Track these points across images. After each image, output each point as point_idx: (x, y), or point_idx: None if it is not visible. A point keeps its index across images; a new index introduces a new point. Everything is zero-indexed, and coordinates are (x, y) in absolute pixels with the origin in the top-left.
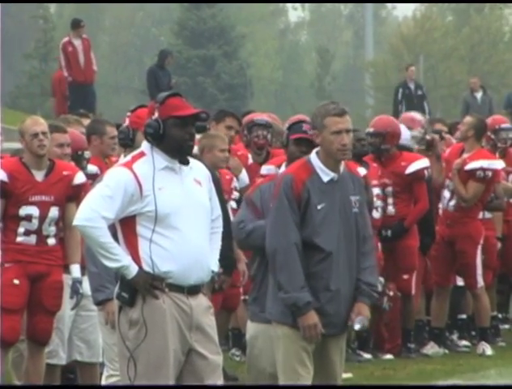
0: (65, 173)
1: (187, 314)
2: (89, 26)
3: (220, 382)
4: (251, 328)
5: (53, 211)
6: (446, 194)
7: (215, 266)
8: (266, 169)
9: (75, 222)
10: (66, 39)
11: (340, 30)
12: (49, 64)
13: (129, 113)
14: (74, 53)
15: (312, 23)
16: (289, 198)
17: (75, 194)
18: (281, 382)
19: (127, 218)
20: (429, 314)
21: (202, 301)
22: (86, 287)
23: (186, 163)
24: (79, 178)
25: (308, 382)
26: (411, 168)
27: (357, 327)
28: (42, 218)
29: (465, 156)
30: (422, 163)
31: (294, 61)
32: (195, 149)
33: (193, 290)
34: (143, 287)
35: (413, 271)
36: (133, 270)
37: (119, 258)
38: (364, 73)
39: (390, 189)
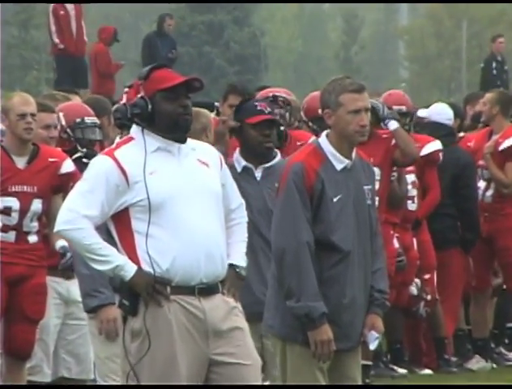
0: (51, 159)
1: (200, 320)
2: None
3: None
4: None
5: (36, 204)
6: (481, 183)
7: (242, 260)
8: None
9: (56, 228)
10: None
11: None
12: (30, 32)
13: (126, 89)
14: (66, 18)
15: None
16: (300, 191)
17: (62, 185)
18: None
19: (119, 213)
20: (470, 323)
21: (218, 303)
22: (74, 291)
23: (183, 141)
24: (67, 166)
25: None
26: (424, 151)
27: (373, 346)
28: (23, 212)
29: (495, 137)
30: (435, 145)
31: (316, 29)
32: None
33: (205, 290)
34: (145, 289)
35: (434, 270)
36: (130, 269)
37: (110, 258)
38: (398, 41)
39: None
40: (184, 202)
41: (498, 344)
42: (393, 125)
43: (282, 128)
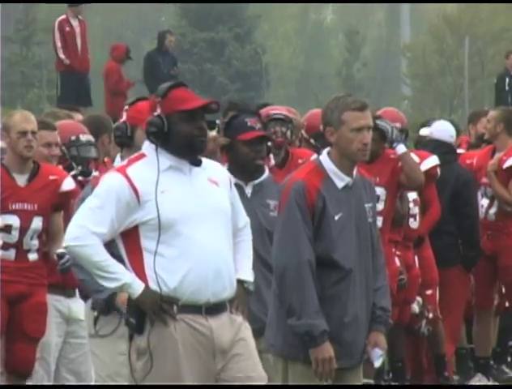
0: (51, 177)
1: (207, 338)
2: None
3: None
4: None
5: (36, 222)
6: (484, 201)
7: (250, 275)
8: None
9: (65, 243)
10: (62, 17)
11: (372, 8)
12: (31, 49)
13: (126, 107)
14: (72, 35)
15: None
16: (301, 209)
17: (62, 203)
18: None
19: (129, 230)
20: (472, 342)
21: (225, 321)
22: (76, 310)
23: (198, 164)
24: (68, 184)
25: None
26: (422, 167)
27: (377, 364)
28: (23, 229)
29: (498, 154)
30: (433, 160)
31: (318, 45)
32: None
33: (213, 309)
34: (151, 308)
35: (436, 285)
36: (138, 287)
37: (118, 276)
38: (400, 58)
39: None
40: (194, 221)
41: (501, 362)
42: (401, 149)
43: (269, 143)
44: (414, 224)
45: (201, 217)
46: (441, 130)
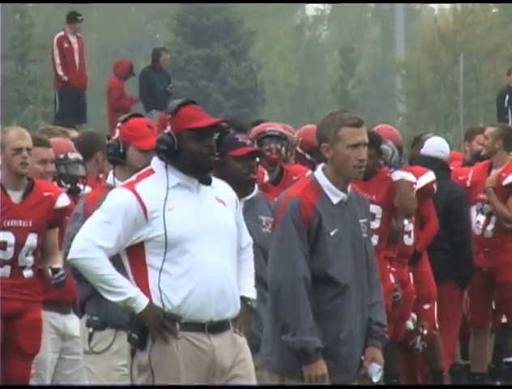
0: (46, 194)
1: (208, 355)
2: None
3: None
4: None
5: (31, 239)
6: (480, 217)
7: (253, 293)
8: None
9: (70, 256)
10: (61, 33)
11: (366, 25)
12: (27, 66)
13: (119, 124)
14: (70, 51)
15: (333, 17)
16: (297, 225)
17: (57, 219)
18: None
19: (135, 246)
20: (466, 358)
21: (228, 340)
22: (71, 326)
23: (208, 182)
24: (62, 201)
25: None
26: (419, 184)
27: (376, 378)
28: (18, 246)
29: (497, 171)
30: (429, 176)
31: (313, 62)
32: None
33: (215, 328)
34: (153, 323)
35: (434, 300)
36: (142, 302)
37: (123, 290)
38: (395, 75)
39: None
40: (200, 240)
41: (495, 378)
42: (397, 175)
43: (258, 159)
44: (408, 240)
45: (207, 236)
46: (434, 146)
